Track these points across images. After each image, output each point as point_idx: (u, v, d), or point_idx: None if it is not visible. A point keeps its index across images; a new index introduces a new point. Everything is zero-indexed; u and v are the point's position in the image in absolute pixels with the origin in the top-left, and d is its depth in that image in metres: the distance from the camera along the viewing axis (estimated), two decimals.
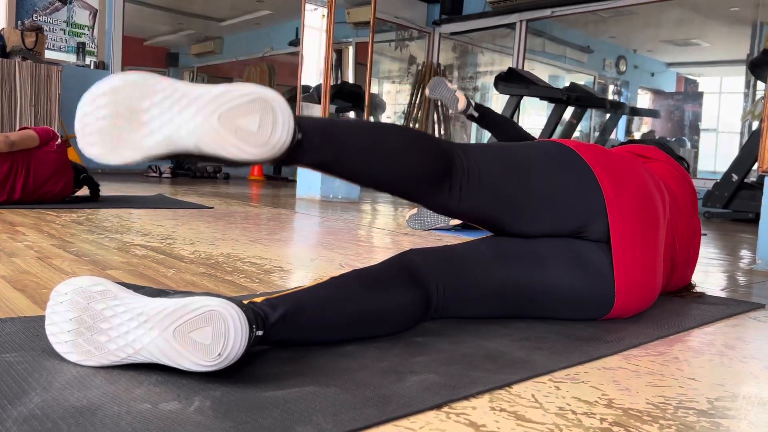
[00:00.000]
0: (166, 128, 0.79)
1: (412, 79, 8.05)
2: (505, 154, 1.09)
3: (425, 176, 0.99)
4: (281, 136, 0.80)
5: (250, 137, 0.79)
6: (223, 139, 0.78)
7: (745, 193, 4.28)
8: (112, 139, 0.79)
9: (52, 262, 1.48)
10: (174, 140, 0.79)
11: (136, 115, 0.79)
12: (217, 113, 0.78)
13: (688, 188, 1.38)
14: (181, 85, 0.80)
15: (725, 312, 1.32)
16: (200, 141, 0.79)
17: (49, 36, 5.70)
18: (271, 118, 0.80)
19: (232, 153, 0.79)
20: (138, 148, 0.80)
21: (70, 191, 2.88)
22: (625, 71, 7.63)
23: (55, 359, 0.79)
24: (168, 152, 0.80)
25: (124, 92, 0.80)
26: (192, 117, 0.79)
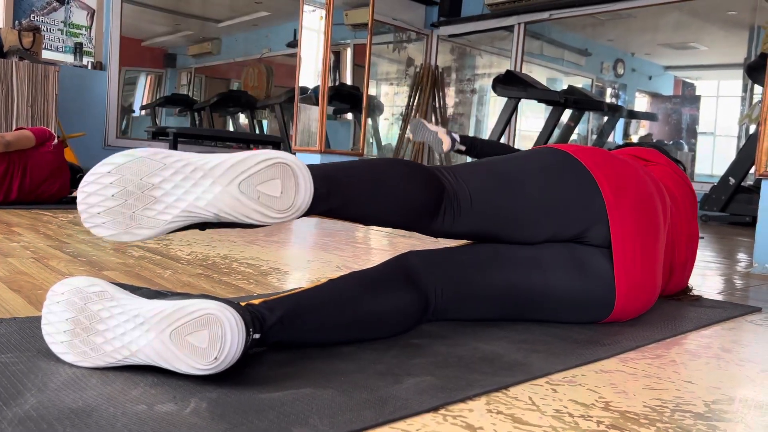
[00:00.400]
0: (182, 202, 0.78)
1: (410, 81, 8.05)
2: (496, 170, 1.09)
3: (421, 210, 1.00)
4: (304, 197, 0.81)
5: (274, 202, 0.79)
6: (246, 207, 0.78)
7: (742, 196, 4.29)
8: (124, 218, 0.78)
9: (49, 263, 1.48)
10: (193, 212, 0.79)
11: (148, 192, 0.78)
12: (237, 181, 0.78)
13: (688, 191, 1.38)
14: (191, 158, 0.79)
15: (722, 315, 1.32)
16: (221, 210, 0.78)
17: (46, 36, 5.69)
18: (293, 182, 0.80)
19: (256, 219, 0.79)
20: (154, 226, 0.79)
21: (66, 192, 2.88)
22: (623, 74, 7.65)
23: (51, 360, 0.79)
24: (187, 224, 0.80)
25: (130, 169, 0.78)
26: (209, 187, 0.78)
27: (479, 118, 8.21)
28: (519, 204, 1.07)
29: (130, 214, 0.78)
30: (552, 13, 6.60)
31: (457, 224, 1.04)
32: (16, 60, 4.55)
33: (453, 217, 1.03)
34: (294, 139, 4.42)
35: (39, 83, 4.62)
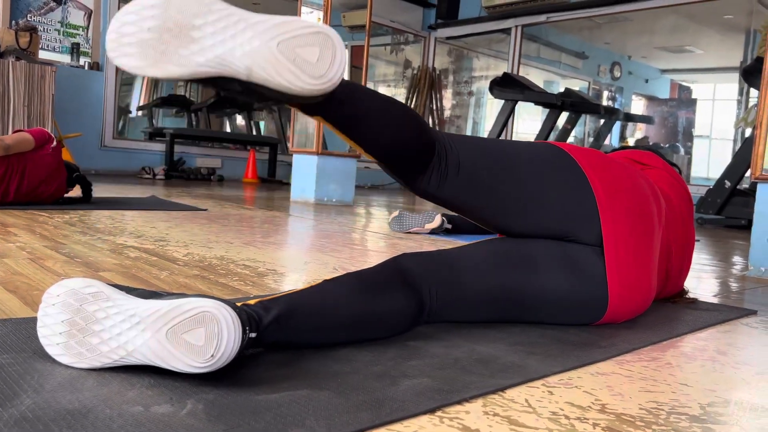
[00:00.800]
0: (219, 48, 0.78)
1: (407, 83, 8.06)
2: (491, 148, 1.11)
3: (413, 157, 1.02)
4: (337, 71, 0.81)
5: (309, 67, 0.79)
6: (281, 65, 0.78)
7: (737, 199, 4.31)
8: (155, 53, 0.77)
9: (45, 264, 1.47)
10: (226, 60, 0.78)
11: (187, 31, 0.78)
12: (277, 40, 0.78)
13: (684, 195, 1.39)
14: (237, 10, 0.80)
15: (718, 318, 1.33)
16: (255, 64, 0.78)
17: (43, 36, 5.68)
18: (331, 53, 0.80)
19: (287, 79, 0.79)
20: (185, 64, 0.78)
21: (63, 192, 2.87)
22: (620, 77, 7.67)
23: (47, 361, 0.78)
24: (216, 73, 0.79)
25: (176, 6, 0.78)
26: (249, 40, 0.78)
27: (476, 120, 8.22)
28: (507, 185, 1.08)
29: (163, 49, 0.78)
30: (549, 16, 6.62)
31: (442, 188, 1.06)
32: (12, 60, 4.54)
33: (439, 178, 1.05)
34: (291, 140, 4.42)
35: (35, 83, 4.61)
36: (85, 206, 2.84)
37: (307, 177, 4.26)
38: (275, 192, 5.27)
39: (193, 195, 4.11)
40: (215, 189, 5.03)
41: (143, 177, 5.91)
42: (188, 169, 6.37)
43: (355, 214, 3.55)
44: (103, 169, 6.03)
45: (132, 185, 4.69)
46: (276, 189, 5.79)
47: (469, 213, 1.12)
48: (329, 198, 4.26)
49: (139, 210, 2.87)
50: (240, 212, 3.15)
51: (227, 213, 3.05)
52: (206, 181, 6.23)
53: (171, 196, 3.83)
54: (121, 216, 2.58)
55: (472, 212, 1.12)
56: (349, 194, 4.38)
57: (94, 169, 5.88)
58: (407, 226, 2.70)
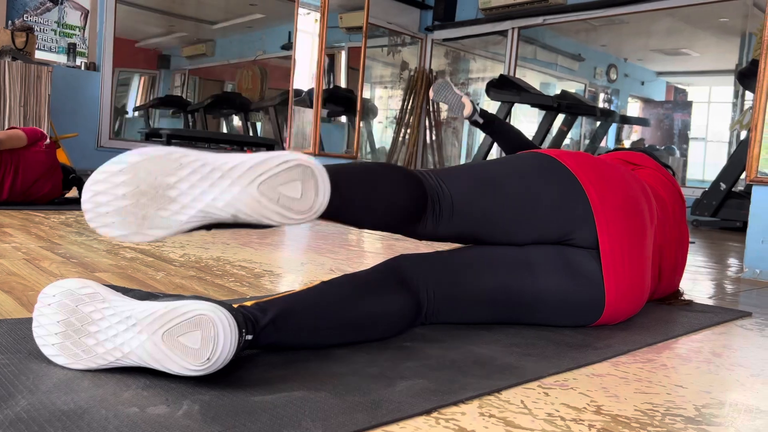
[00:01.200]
0: (199, 202, 0.76)
1: (404, 85, 8.06)
2: (477, 173, 1.10)
3: (407, 215, 1.01)
4: (323, 200, 0.80)
5: (294, 203, 0.79)
6: (265, 209, 0.77)
7: (733, 201, 4.32)
8: (136, 219, 0.76)
9: (40, 264, 1.47)
10: (209, 213, 0.77)
11: (163, 191, 0.76)
12: (257, 182, 0.77)
13: (677, 195, 1.39)
14: (209, 158, 0.78)
15: (713, 320, 1.33)
16: (239, 211, 0.77)
17: (39, 36, 5.67)
18: (313, 184, 0.80)
19: (275, 220, 0.78)
20: (168, 226, 0.77)
21: (58, 193, 2.86)
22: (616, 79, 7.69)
23: (42, 362, 0.78)
24: (201, 225, 0.78)
25: (144, 168, 0.76)
26: (228, 188, 0.76)
27: None
28: (500, 206, 1.08)
29: (143, 214, 0.76)
30: (546, 18, 6.63)
31: (440, 228, 1.05)
32: (8, 60, 4.53)
33: (435, 221, 1.04)
34: (288, 141, 4.42)
35: (32, 83, 4.60)
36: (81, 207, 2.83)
37: None
38: None
39: None
40: None
41: None
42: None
43: None
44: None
45: None
46: None
47: (469, 241, 1.12)
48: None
49: None
50: None
51: None
52: None
53: None
54: None
55: (472, 240, 1.11)
56: None
57: (90, 170, 5.84)
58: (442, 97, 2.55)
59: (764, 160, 2.10)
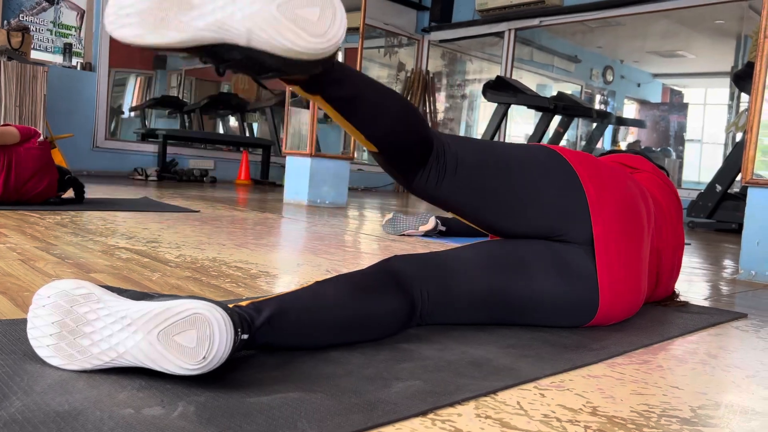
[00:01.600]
0: (218, 12, 0.78)
1: (401, 86, 8.07)
2: (487, 148, 1.11)
3: (411, 150, 1.02)
4: (339, 29, 0.81)
5: (310, 26, 0.79)
6: (282, 25, 0.78)
7: (728, 203, 4.33)
8: (155, 20, 0.77)
9: (35, 265, 1.46)
10: (226, 24, 0.78)
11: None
12: (276, 2, 0.78)
13: (674, 199, 1.39)
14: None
15: (708, 321, 1.34)
16: (255, 26, 0.78)
17: (35, 36, 5.66)
18: (331, 12, 0.80)
19: (289, 39, 0.78)
20: (185, 30, 0.77)
21: (53, 192, 2.85)
22: (612, 81, 7.71)
23: (37, 363, 0.78)
24: (216, 38, 0.79)
25: None
26: (248, 4, 0.78)
27: (469, 123, 8.24)
28: (503, 184, 1.08)
29: (163, 16, 0.77)
30: (542, 19, 6.64)
31: (440, 186, 1.05)
32: (4, 60, 4.52)
33: (437, 176, 1.05)
34: (284, 142, 4.42)
35: (27, 83, 4.58)
36: (76, 207, 2.83)
37: (300, 179, 4.25)
38: (268, 194, 5.26)
39: (186, 196, 4.10)
40: (208, 190, 5.02)
41: (135, 178, 5.88)
42: (181, 170, 6.34)
43: (348, 217, 3.55)
44: (95, 170, 6.00)
45: (124, 186, 4.67)
46: (269, 191, 5.78)
47: (464, 213, 1.12)
48: (322, 200, 4.25)
49: (131, 211, 2.86)
50: (232, 214, 3.14)
51: (220, 214, 3.04)
52: (199, 182, 6.21)
53: (163, 198, 3.82)
54: (113, 217, 2.57)
55: (467, 212, 1.12)
56: (342, 196, 4.38)
57: (86, 170, 5.85)
58: (401, 229, 2.70)
59: (760, 162, 2.10)
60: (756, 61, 2.09)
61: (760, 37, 2.08)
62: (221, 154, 7.18)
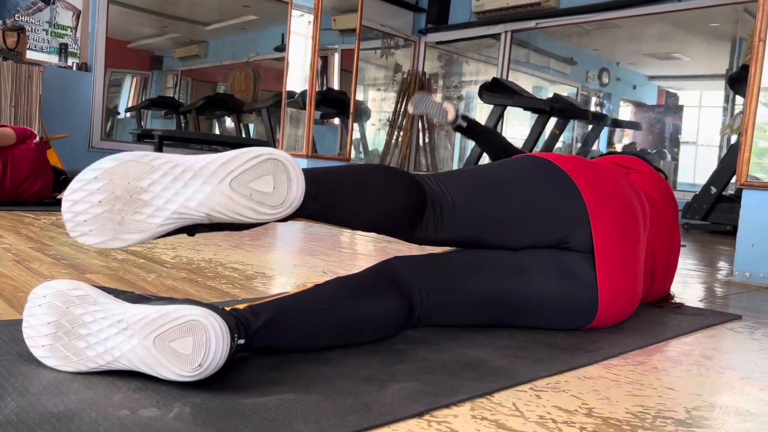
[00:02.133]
0: (173, 203, 0.77)
1: (397, 87, 8.07)
2: (478, 177, 1.10)
3: (404, 216, 1.00)
4: (296, 193, 0.80)
5: (267, 198, 0.79)
6: (238, 205, 0.77)
7: (723, 205, 4.35)
8: (112, 225, 0.77)
9: (30, 265, 1.46)
10: (184, 213, 0.77)
11: (137, 195, 0.77)
12: (228, 179, 0.77)
13: (669, 199, 1.40)
14: (180, 159, 0.78)
15: (703, 323, 1.34)
16: (213, 210, 0.77)
17: (30, 36, 5.64)
18: (285, 177, 0.80)
19: (248, 216, 0.78)
20: (144, 230, 0.77)
21: (48, 192, 2.84)
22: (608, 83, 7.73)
23: (32, 364, 0.78)
24: (177, 227, 0.79)
25: (118, 173, 0.77)
26: (200, 187, 0.77)
27: None
28: (500, 210, 1.08)
29: (119, 219, 0.77)
30: (538, 21, 6.66)
31: (440, 232, 1.04)
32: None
33: (436, 224, 1.03)
34: (281, 143, 4.41)
35: (23, 84, 4.57)
36: None
37: None
38: None
39: None
40: None
41: None
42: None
43: None
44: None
45: None
46: None
47: (467, 245, 1.12)
48: None
49: None
50: None
51: None
52: None
53: None
54: None
55: (470, 244, 1.11)
56: None
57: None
58: (422, 109, 2.55)
59: (754, 165, 2.11)
60: (751, 63, 2.10)
61: (754, 40, 2.09)
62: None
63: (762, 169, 2.11)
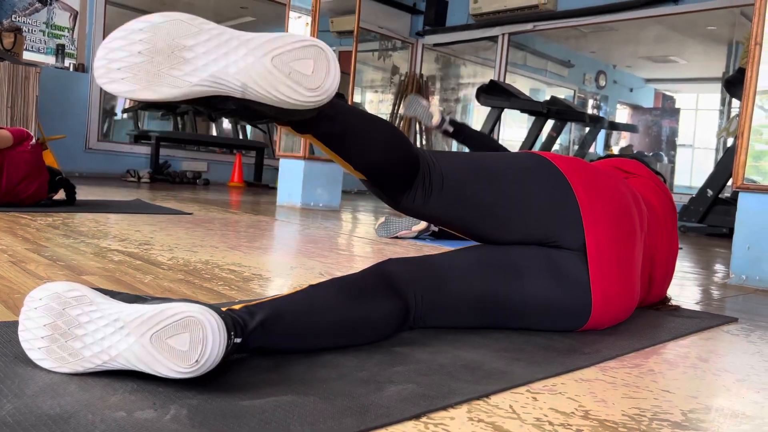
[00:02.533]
0: (212, 66, 0.78)
1: (394, 89, 8.08)
2: (474, 161, 1.12)
3: (400, 170, 1.03)
4: (333, 82, 0.82)
5: (304, 79, 0.80)
6: (276, 79, 0.79)
7: (719, 208, 4.36)
8: (147, 75, 0.77)
9: (27, 267, 1.46)
10: (220, 79, 0.78)
11: (179, 52, 0.77)
12: (270, 55, 0.79)
13: (669, 204, 1.40)
14: (228, 29, 0.80)
15: (699, 325, 1.34)
16: (250, 80, 0.78)
17: (28, 37, 5.63)
18: (325, 65, 0.81)
19: (284, 93, 0.79)
20: (179, 85, 0.77)
21: (44, 194, 2.84)
22: (605, 86, 7.75)
23: (28, 366, 0.77)
24: (210, 92, 0.79)
25: (165, 29, 0.78)
26: (242, 57, 0.78)
27: None
28: (491, 196, 1.08)
29: (155, 71, 0.77)
30: (536, 24, 6.67)
31: (427, 204, 1.06)
32: None
33: (423, 194, 1.05)
34: (278, 144, 4.41)
35: (19, 84, 4.56)
36: (68, 209, 2.81)
37: (293, 181, 4.25)
38: (261, 196, 5.26)
39: (179, 199, 4.09)
40: (201, 193, 5.00)
41: (128, 180, 5.86)
42: (174, 172, 6.32)
43: (341, 219, 3.55)
44: (88, 172, 5.97)
45: (116, 188, 4.65)
46: (262, 193, 5.77)
47: (454, 226, 1.13)
48: (316, 203, 4.25)
49: (124, 213, 2.85)
50: (225, 216, 3.13)
51: (212, 217, 3.03)
52: (192, 184, 6.19)
53: (156, 200, 3.80)
54: (105, 219, 2.56)
55: (457, 225, 1.12)
56: (335, 199, 4.38)
57: (78, 172, 5.82)
58: (394, 231, 2.69)
59: (751, 168, 2.12)
60: (747, 67, 2.11)
61: (751, 44, 2.10)
62: (214, 156, 7.16)
63: (758, 172, 2.12)
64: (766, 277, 2.06)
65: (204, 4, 7.60)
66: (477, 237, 1.14)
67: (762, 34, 2.07)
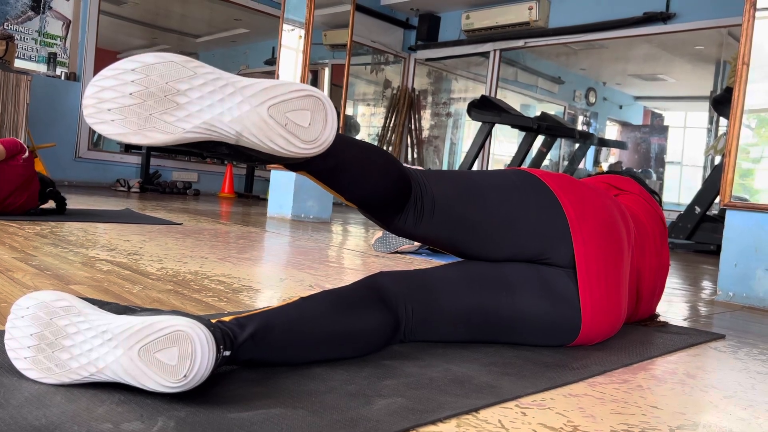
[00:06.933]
0: (206, 113, 0.76)
1: (386, 103, 8.11)
2: (462, 179, 1.12)
3: (395, 199, 1.03)
4: (330, 134, 0.81)
5: (301, 131, 0.79)
6: (272, 130, 0.77)
7: (707, 225, 4.39)
8: (139, 119, 0.75)
9: (13, 276, 1.44)
10: (214, 126, 0.76)
11: (171, 97, 0.75)
12: (267, 105, 0.77)
13: (659, 222, 1.41)
14: (223, 74, 0.78)
15: (687, 341, 1.35)
16: (245, 129, 0.77)
17: (20, 45, 5.61)
18: (322, 116, 0.80)
19: (279, 144, 0.78)
20: (171, 131, 0.75)
21: (34, 203, 2.82)
22: (595, 103, 7.82)
23: (14, 376, 0.77)
24: (203, 138, 0.77)
25: (158, 71, 0.75)
26: (238, 105, 0.77)
27: (454, 141, 8.29)
28: (481, 216, 1.09)
29: (147, 115, 0.75)
30: (527, 41, 6.74)
31: (418, 226, 1.06)
32: None
33: (415, 218, 1.05)
34: None
35: (10, 92, 4.54)
36: (56, 218, 2.79)
37: (284, 193, 4.24)
38: (252, 207, 5.24)
39: (168, 209, 4.07)
40: (191, 203, 4.98)
41: (118, 189, 5.83)
42: (164, 182, 6.30)
43: (331, 231, 3.54)
44: (77, 181, 5.94)
45: (106, 197, 4.62)
46: (253, 204, 5.75)
47: (444, 246, 1.13)
48: (306, 214, 4.25)
49: (113, 223, 2.83)
50: (215, 227, 3.12)
51: (202, 228, 3.02)
52: (182, 195, 6.17)
53: (145, 210, 3.79)
54: (94, 228, 2.54)
55: (447, 245, 1.13)
56: (326, 211, 4.38)
57: (68, 181, 5.79)
58: (394, 246, 2.64)
59: (738, 185, 2.14)
60: (734, 86, 2.14)
61: (738, 63, 2.13)
62: (205, 166, 7.14)
63: (745, 190, 2.14)
64: (753, 294, 2.07)
65: (198, 15, 7.62)
66: (468, 256, 1.14)
67: (749, 54, 2.11)
